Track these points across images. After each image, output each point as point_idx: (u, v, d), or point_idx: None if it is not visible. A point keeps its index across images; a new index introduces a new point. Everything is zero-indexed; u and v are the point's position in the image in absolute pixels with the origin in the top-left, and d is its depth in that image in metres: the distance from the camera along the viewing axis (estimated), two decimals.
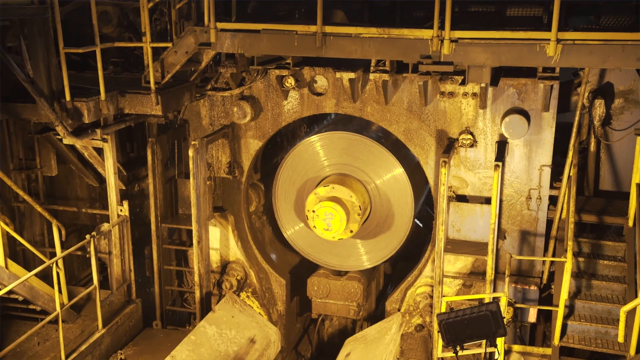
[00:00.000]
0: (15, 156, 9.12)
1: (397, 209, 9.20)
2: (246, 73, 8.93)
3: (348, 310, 9.64)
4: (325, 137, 9.25)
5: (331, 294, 9.64)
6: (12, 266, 7.73)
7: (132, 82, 8.46)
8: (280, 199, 9.66)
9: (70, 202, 9.85)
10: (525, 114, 8.11)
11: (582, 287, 8.30)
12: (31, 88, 7.19)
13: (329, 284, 9.61)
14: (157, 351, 8.48)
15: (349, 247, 9.63)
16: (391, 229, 9.31)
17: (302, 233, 9.76)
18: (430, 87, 8.34)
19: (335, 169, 9.31)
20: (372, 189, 9.22)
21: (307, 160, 9.39)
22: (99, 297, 8.12)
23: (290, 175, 9.50)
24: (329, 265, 9.79)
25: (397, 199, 9.16)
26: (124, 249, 8.75)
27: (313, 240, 9.70)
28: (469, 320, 5.62)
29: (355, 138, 9.12)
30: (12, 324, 8.43)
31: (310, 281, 9.69)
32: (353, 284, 9.50)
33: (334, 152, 9.26)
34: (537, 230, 8.57)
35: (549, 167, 8.33)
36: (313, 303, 9.77)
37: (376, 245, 9.50)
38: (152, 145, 9.14)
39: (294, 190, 9.54)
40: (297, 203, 9.59)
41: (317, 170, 9.38)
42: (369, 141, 9.06)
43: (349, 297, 9.53)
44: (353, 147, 9.14)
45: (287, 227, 9.82)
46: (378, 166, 9.11)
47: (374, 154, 9.08)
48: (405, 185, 9.03)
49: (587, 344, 8.06)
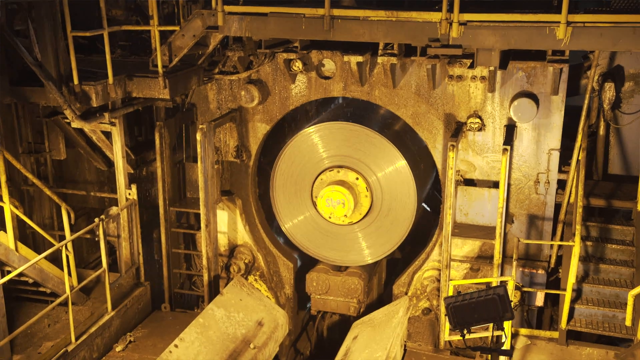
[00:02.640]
0: (24, 140, 9.15)
1: (399, 203, 8.98)
2: (254, 56, 8.90)
3: (348, 307, 9.40)
4: (324, 128, 9.01)
5: (331, 290, 9.41)
6: (22, 249, 7.80)
7: (140, 65, 8.46)
8: (278, 191, 9.46)
9: (79, 186, 9.90)
10: (534, 97, 8.06)
11: (590, 271, 8.30)
12: (39, 71, 7.21)
13: (329, 279, 9.38)
14: (166, 333, 8.56)
15: (349, 242, 9.43)
16: (393, 224, 9.10)
17: (301, 226, 9.56)
18: (439, 70, 8.30)
19: (335, 160, 9.08)
20: (374, 182, 8.98)
21: (305, 152, 9.16)
22: (108, 280, 8.18)
23: (289, 167, 9.28)
24: (329, 260, 9.59)
25: (399, 192, 8.94)
26: (132, 232, 8.80)
27: (312, 234, 9.52)
28: (476, 304, 5.62)
29: (356, 129, 8.86)
30: (22, 306, 8.53)
31: (309, 277, 9.49)
32: (353, 280, 9.28)
33: (334, 143, 9.02)
34: (545, 214, 8.55)
35: (557, 151, 8.29)
36: (312, 299, 9.56)
37: (377, 240, 9.30)
38: (159, 129, 9.15)
39: (292, 182, 9.32)
40: (295, 195, 9.39)
41: (315, 162, 9.15)
42: (370, 132, 8.81)
43: (349, 294, 9.31)
44: (353, 137, 8.89)
45: (285, 220, 9.61)
46: (380, 158, 8.89)
47: (375, 145, 8.85)
48: (408, 178, 8.81)
49: (595, 328, 8.08)
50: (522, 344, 8.23)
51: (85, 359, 7.82)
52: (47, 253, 7.39)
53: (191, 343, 7.85)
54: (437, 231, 9.09)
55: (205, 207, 8.78)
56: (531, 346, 8.20)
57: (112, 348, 8.29)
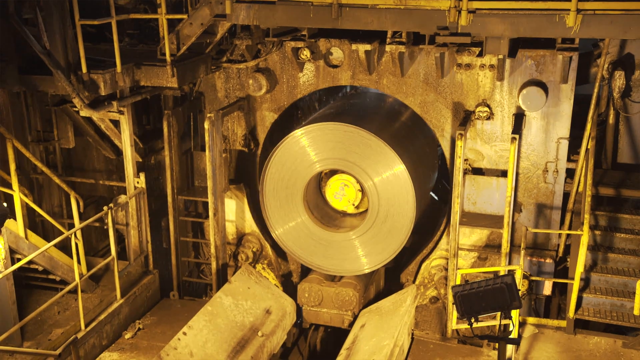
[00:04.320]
0: (33, 128, 9.19)
1: (397, 209, 8.46)
2: (261, 45, 8.89)
3: (342, 320, 8.87)
4: (316, 129, 8.46)
5: (324, 301, 8.91)
6: (31, 237, 7.86)
7: (148, 54, 8.46)
8: (269, 196, 8.93)
9: (87, 174, 9.94)
10: (543, 86, 8.02)
11: (598, 260, 8.28)
12: (48, 60, 7.23)
13: (322, 290, 8.88)
14: (175, 321, 8.61)
15: (344, 250, 8.91)
16: (390, 231, 8.57)
17: (293, 233, 9.04)
18: (447, 58, 8.26)
19: (328, 164, 8.58)
20: (370, 187, 8.47)
21: (297, 154, 8.61)
22: (117, 268, 8.23)
23: (279, 171, 8.75)
24: (322, 269, 9.06)
25: (397, 198, 8.41)
26: (141, 221, 8.84)
27: (304, 242, 9.01)
28: (484, 293, 5.61)
29: (350, 130, 8.31)
30: (32, 294, 8.60)
31: (300, 287, 8.98)
32: (348, 292, 8.77)
33: (327, 144, 8.48)
34: (553, 203, 8.53)
35: (566, 140, 8.26)
36: (304, 311, 9.02)
37: (374, 249, 8.76)
38: (168, 118, 9.16)
39: (283, 186, 8.81)
40: (287, 201, 8.88)
41: (307, 166, 8.62)
42: (366, 133, 8.26)
43: (344, 306, 8.80)
44: (348, 139, 8.35)
45: (275, 226, 9.08)
46: (376, 161, 8.36)
47: (371, 147, 8.31)
48: (406, 184, 8.29)
49: (603, 317, 8.08)
50: (530, 332, 8.24)
51: (94, 346, 7.89)
52: (57, 241, 7.44)
53: (199, 330, 7.90)
54: (445, 220, 9.08)
55: (213, 195, 8.80)
56: (539, 335, 8.20)
57: (121, 335, 8.35)
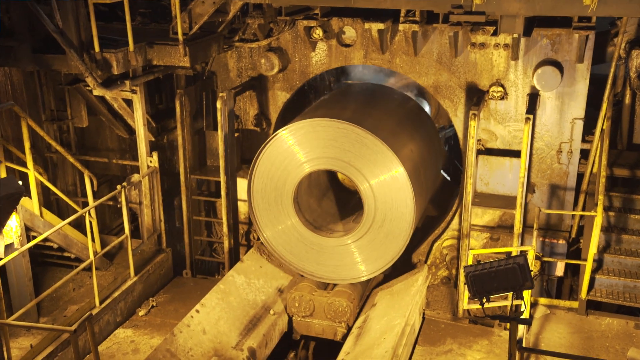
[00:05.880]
0: (47, 107, 9.24)
1: (395, 213, 7.96)
2: (274, 24, 8.84)
3: (335, 332, 8.30)
4: (307, 125, 7.94)
5: (316, 312, 8.33)
6: (46, 215, 7.94)
7: (160, 33, 8.43)
8: (257, 197, 8.44)
9: (101, 153, 9.99)
10: (559, 65, 7.93)
11: (611, 242, 8.24)
12: (61, 39, 7.24)
13: (313, 300, 8.31)
14: (187, 299, 8.69)
15: (338, 256, 8.41)
16: (388, 237, 8.08)
17: (283, 236, 8.53)
18: (461, 38, 8.18)
19: (320, 163, 8.03)
20: (366, 190, 7.95)
21: (287, 151, 8.10)
22: (130, 246, 8.31)
23: (268, 170, 8.26)
24: (315, 276, 8.57)
25: (395, 201, 7.92)
26: (154, 200, 8.90)
27: (295, 246, 8.53)
28: (496, 273, 5.60)
29: (344, 127, 7.77)
30: (47, 271, 8.71)
31: (290, 296, 8.43)
32: (341, 302, 8.21)
33: (319, 142, 7.95)
34: (567, 184, 8.48)
35: (581, 120, 8.18)
36: (294, 322, 8.48)
37: (370, 255, 8.27)
38: (180, 97, 9.16)
39: (273, 187, 8.31)
40: (276, 202, 8.38)
41: (298, 165, 8.10)
42: (362, 131, 7.72)
43: (336, 317, 8.26)
44: (342, 137, 7.83)
45: (264, 229, 8.57)
46: (372, 162, 7.83)
47: (367, 146, 7.78)
48: (405, 186, 7.78)
49: (615, 298, 8.06)
50: (541, 313, 8.24)
51: (109, 323, 8.00)
52: (71, 219, 7.51)
53: (212, 308, 7.98)
54: (457, 200, 9.06)
55: (226, 175, 8.83)
56: (550, 316, 8.21)
57: (135, 312, 8.45)
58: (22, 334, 7.36)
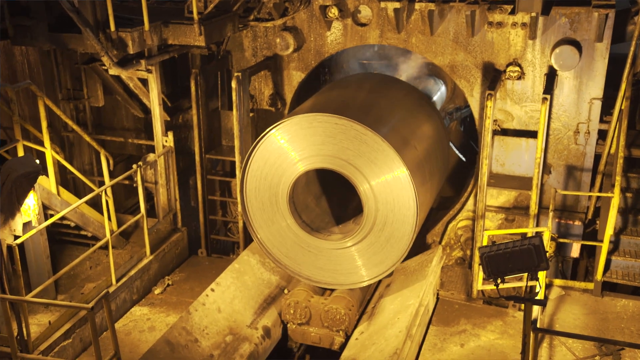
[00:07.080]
0: (64, 86, 9.27)
1: (397, 216, 7.55)
2: (289, 3, 8.79)
3: (332, 340, 7.94)
4: (303, 120, 7.50)
5: (312, 319, 7.97)
6: (63, 193, 8.01)
7: (175, 12, 8.41)
8: (251, 195, 8.05)
9: (116, 133, 10.04)
10: (577, 44, 7.82)
11: (628, 223, 8.18)
12: (76, 18, 7.24)
13: (310, 307, 7.94)
14: (203, 277, 8.77)
15: (336, 261, 8.03)
16: (389, 240, 7.69)
17: (278, 238, 8.14)
18: (478, 17, 8.09)
19: (317, 161, 7.60)
20: (366, 191, 7.53)
21: (282, 148, 7.71)
22: (146, 225, 8.37)
23: (262, 167, 7.87)
24: (312, 281, 8.21)
25: (397, 202, 7.51)
26: (169, 179, 8.94)
27: (291, 249, 8.13)
28: (510, 254, 5.58)
29: (342, 123, 7.32)
30: (65, 249, 8.81)
31: (285, 302, 8.07)
32: (339, 309, 7.83)
33: (316, 138, 7.53)
34: (584, 165, 8.40)
35: (599, 101, 8.09)
36: (289, 329, 8.13)
37: (370, 260, 7.89)
38: (195, 77, 9.16)
39: (267, 186, 7.93)
40: (270, 202, 7.98)
41: (293, 163, 7.71)
42: (362, 128, 7.28)
43: (334, 325, 7.88)
44: (340, 134, 7.40)
45: (258, 230, 8.19)
46: (372, 161, 7.41)
47: (367, 144, 7.34)
48: (407, 187, 7.37)
49: (631, 280, 8.02)
50: (556, 294, 8.22)
51: (125, 301, 8.09)
52: (88, 197, 7.58)
53: (227, 287, 8.05)
54: (472, 181, 9.02)
55: (241, 154, 8.84)
56: (565, 297, 8.19)
57: (151, 290, 8.55)
58: (41, 311, 7.47)
